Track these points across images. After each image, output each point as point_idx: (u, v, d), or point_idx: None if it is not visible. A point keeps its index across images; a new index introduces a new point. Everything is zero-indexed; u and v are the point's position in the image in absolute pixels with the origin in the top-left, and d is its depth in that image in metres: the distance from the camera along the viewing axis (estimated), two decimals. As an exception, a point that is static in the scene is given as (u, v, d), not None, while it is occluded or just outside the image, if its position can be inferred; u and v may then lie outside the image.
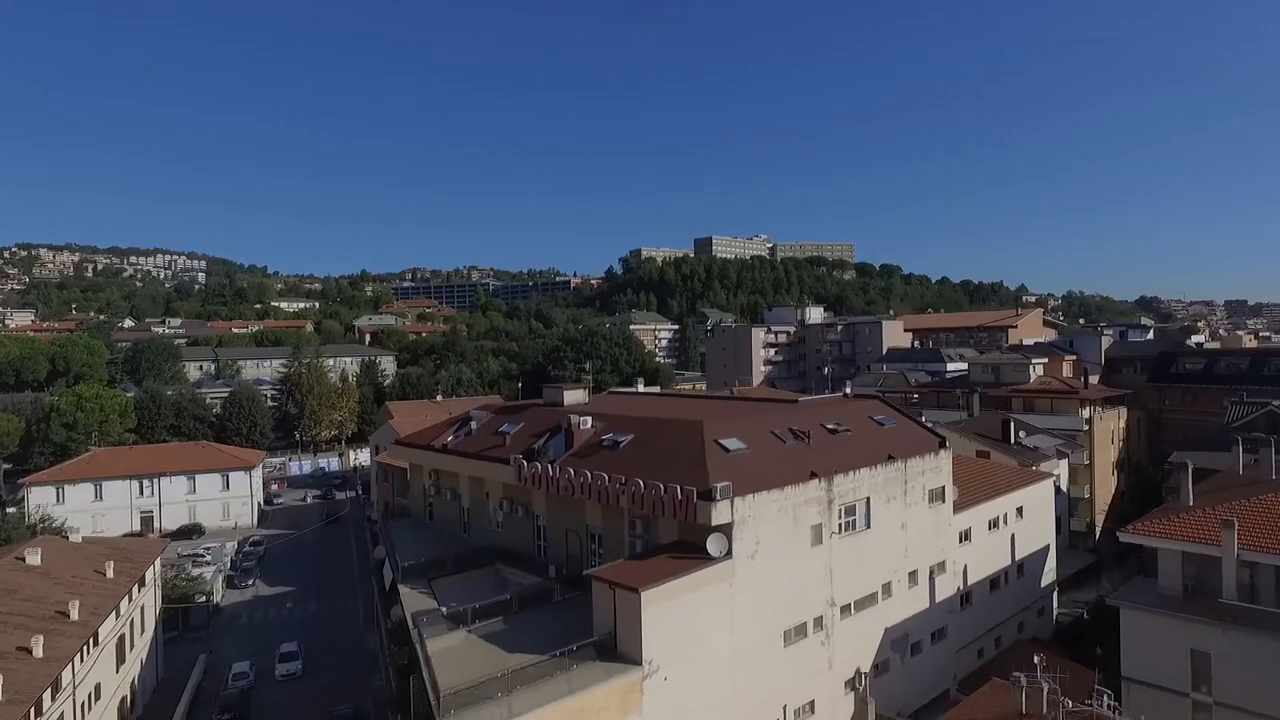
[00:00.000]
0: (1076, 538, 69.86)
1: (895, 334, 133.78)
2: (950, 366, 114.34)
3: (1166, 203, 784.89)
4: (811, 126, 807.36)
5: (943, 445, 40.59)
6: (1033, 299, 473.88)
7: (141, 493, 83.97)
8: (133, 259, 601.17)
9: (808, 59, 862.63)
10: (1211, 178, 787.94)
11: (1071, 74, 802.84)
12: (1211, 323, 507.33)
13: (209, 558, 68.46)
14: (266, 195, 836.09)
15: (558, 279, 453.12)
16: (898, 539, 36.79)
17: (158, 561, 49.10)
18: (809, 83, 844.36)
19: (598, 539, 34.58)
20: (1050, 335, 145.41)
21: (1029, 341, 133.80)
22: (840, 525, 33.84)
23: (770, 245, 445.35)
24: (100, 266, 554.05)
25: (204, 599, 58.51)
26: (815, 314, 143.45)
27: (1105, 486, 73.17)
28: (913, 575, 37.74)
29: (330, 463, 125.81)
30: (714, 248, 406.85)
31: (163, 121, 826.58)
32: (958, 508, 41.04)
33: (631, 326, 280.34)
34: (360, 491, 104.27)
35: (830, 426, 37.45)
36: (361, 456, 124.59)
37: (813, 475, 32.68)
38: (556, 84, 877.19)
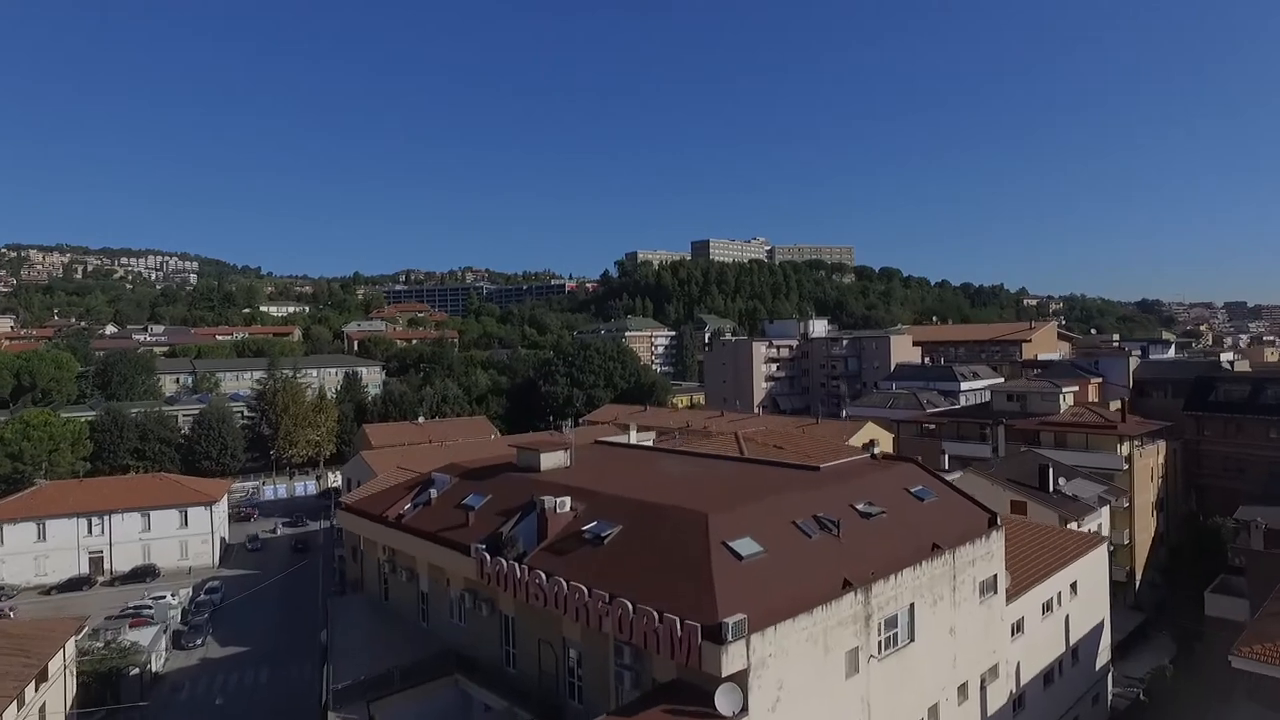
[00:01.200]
0: (1115, 588, 63.30)
1: (903, 348, 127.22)
2: (964, 386, 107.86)
3: (1163, 204, 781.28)
4: (810, 128, 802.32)
5: (993, 523, 33.91)
6: (1034, 302, 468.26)
7: (90, 531, 76.88)
8: (124, 260, 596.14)
9: (806, 61, 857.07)
10: (1208, 179, 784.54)
11: (1071, 77, 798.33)
12: (1214, 326, 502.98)
13: (152, 613, 61.44)
14: (261, 196, 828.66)
15: (553, 282, 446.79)
16: (945, 648, 30.07)
17: (71, 643, 42.22)
18: (808, 84, 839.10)
19: (578, 658, 27.80)
20: (1064, 349, 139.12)
21: (1043, 356, 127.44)
22: (880, 644, 27.10)
23: (768, 248, 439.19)
24: (90, 268, 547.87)
25: (139, 671, 51.47)
26: (819, 327, 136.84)
27: (1145, 530, 66.64)
28: (962, 689, 31.03)
29: (307, 486, 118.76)
30: (711, 251, 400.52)
31: (158, 121, 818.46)
32: (1010, 596, 34.36)
33: (627, 333, 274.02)
34: (334, 522, 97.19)
35: (861, 508, 30.71)
36: (339, 479, 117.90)
37: (847, 585, 25.92)
38: (554, 85, 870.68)
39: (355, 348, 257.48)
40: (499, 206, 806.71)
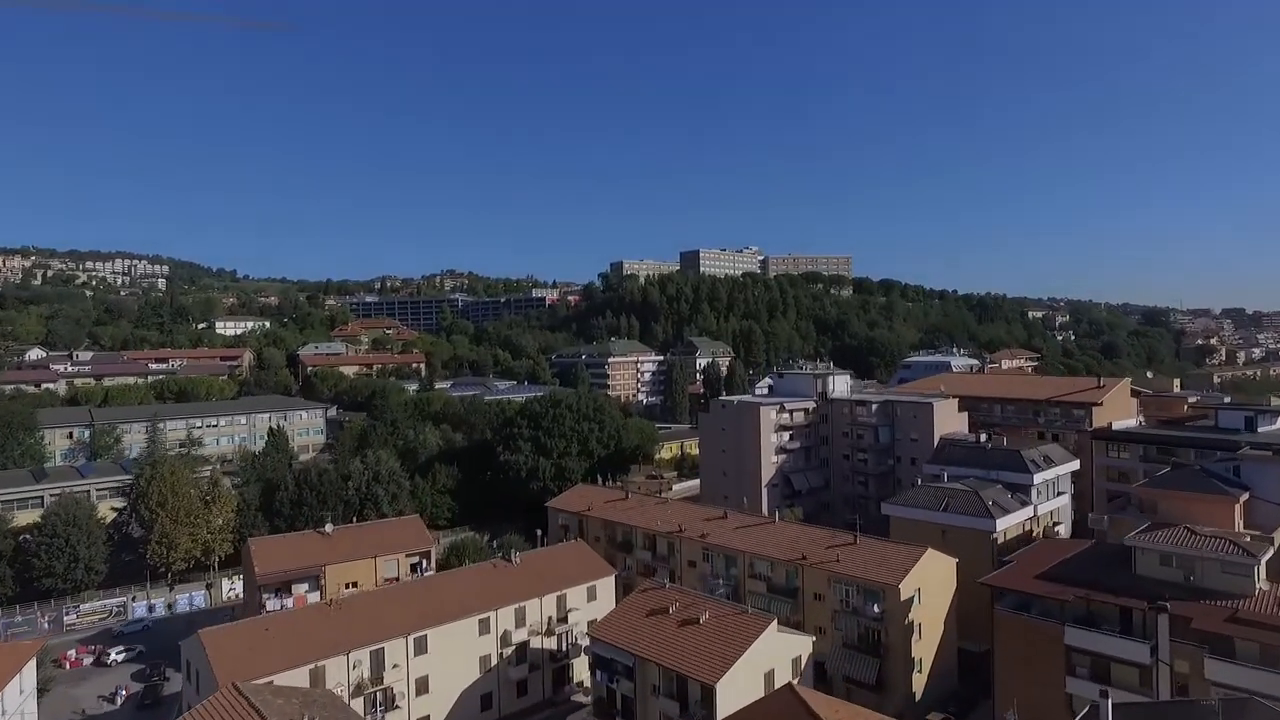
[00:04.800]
0: None
1: (948, 415, 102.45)
2: (1038, 479, 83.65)
3: (1160, 207, 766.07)
4: (805, 131, 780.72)
5: None
6: (1039, 314, 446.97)
7: None
8: (89, 264, 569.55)
9: (806, 63, 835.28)
10: (1201, 183, 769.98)
11: (1070, 88, 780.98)
12: (1224, 339, 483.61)
13: None
14: (243, 196, 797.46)
15: (534, 292, 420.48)
16: None
17: None
18: (806, 87, 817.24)
19: None
20: (1134, 411, 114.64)
21: (1119, 425, 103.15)
22: None
23: (762, 258, 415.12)
24: (50, 273, 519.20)
25: None
26: (840, 384, 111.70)
27: None
28: None
29: (193, 598, 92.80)
30: (702, 262, 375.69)
31: (139, 121, 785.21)
32: None
33: (611, 359, 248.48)
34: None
35: None
36: (239, 587, 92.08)
37: None
38: (547, 88, 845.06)
39: (308, 374, 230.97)
40: (485, 207, 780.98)
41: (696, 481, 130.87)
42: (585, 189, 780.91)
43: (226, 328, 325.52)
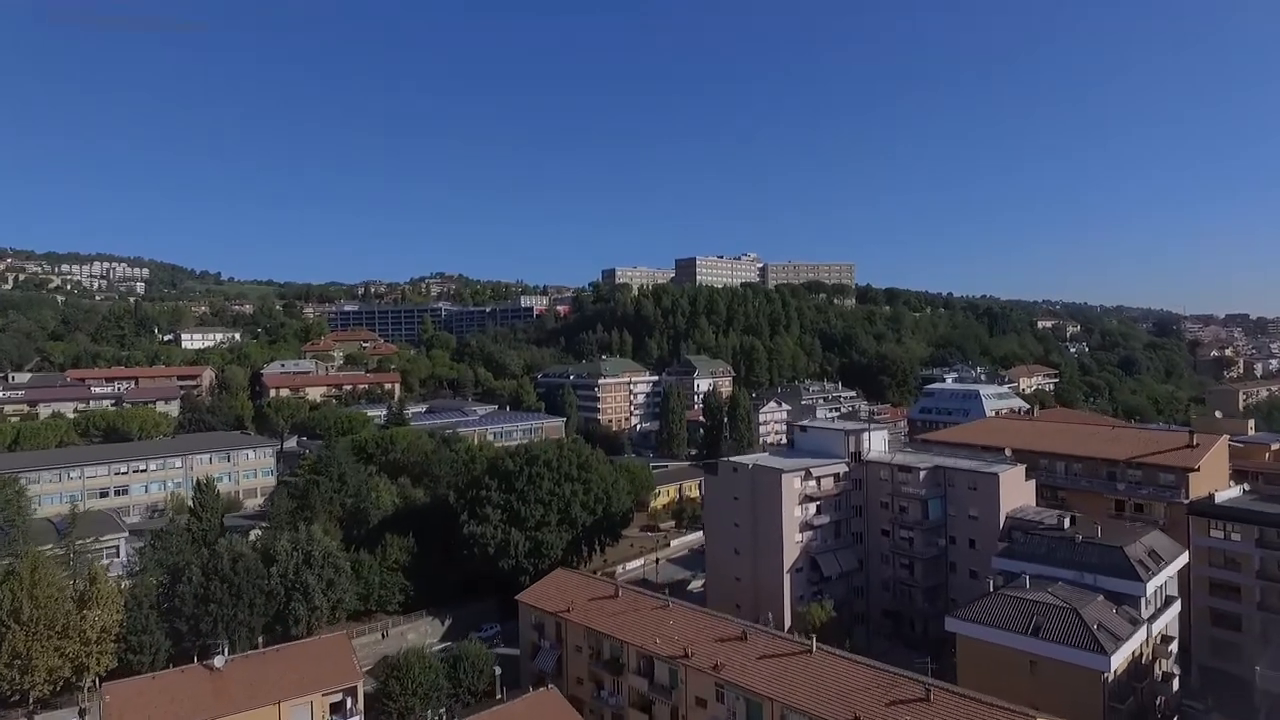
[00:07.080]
0: None
1: (1014, 485, 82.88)
2: (1150, 587, 64.56)
3: (1159, 213, 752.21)
4: (801, 133, 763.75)
5: None
6: (1049, 325, 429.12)
7: None
8: (65, 267, 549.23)
9: (808, 62, 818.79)
10: (1201, 189, 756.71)
11: (1075, 91, 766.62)
12: (1237, 348, 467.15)
13: None
14: (229, 195, 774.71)
15: (522, 301, 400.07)
16: None
17: None
18: (804, 89, 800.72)
19: None
20: (1229, 472, 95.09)
21: (1223, 497, 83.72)
22: None
23: (760, 266, 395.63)
24: (23, 277, 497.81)
25: None
26: (876, 441, 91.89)
27: None
28: None
29: (62, 730, 72.60)
30: (698, 271, 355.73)
31: (130, 118, 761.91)
32: None
33: (602, 379, 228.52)
34: None
35: None
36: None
37: None
38: (543, 87, 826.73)
39: (269, 397, 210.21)
40: (479, 209, 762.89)
41: (699, 534, 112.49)
42: (579, 191, 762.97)
43: (193, 340, 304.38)
